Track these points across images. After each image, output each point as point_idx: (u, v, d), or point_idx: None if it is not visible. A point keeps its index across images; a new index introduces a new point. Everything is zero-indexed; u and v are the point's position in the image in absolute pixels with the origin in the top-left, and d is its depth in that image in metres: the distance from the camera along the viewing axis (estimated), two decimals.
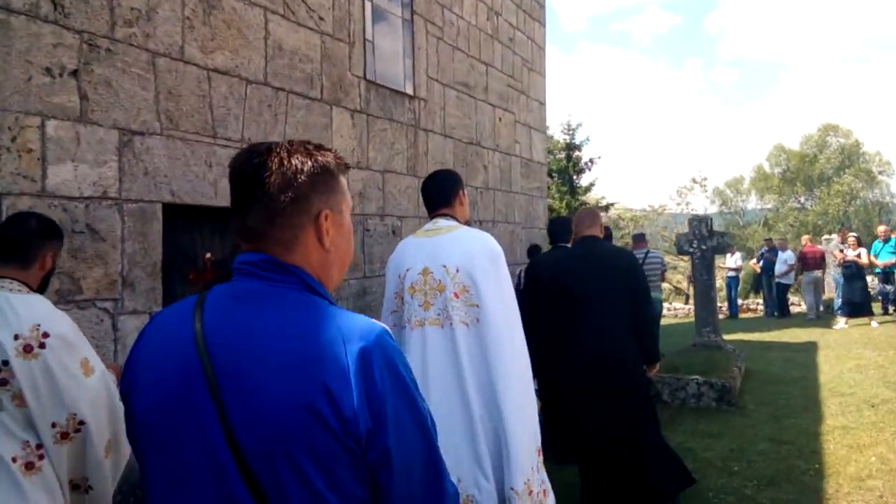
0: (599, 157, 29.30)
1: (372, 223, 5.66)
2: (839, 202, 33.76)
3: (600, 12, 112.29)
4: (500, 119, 8.02)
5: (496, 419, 2.76)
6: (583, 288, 4.08)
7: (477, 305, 2.81)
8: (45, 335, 2.11)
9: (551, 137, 25.61)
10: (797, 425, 5.82)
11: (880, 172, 36.15)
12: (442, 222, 3.02)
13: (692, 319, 8.75)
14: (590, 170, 25.09)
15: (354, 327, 1.10)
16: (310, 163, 1.17)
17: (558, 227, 5.49)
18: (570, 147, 24.98)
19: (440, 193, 3.09)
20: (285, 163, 1.15)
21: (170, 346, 1.13)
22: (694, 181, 34.12)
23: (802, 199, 37.97)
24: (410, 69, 6.23)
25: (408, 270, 2.93)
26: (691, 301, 14.53)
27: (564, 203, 23.57)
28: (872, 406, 6.37)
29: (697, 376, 6.52)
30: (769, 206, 39.00)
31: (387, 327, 1.15)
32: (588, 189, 25.11)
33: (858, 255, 12.72)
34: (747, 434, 5.60)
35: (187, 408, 1.08)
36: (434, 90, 6.61)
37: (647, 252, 8.88)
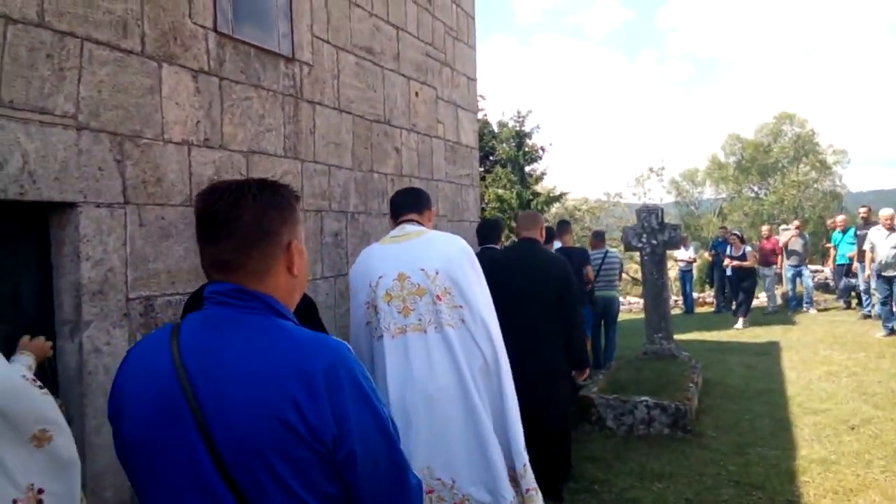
0: (551, 145, 28.33)
1: None
2: (794, 192, 33.40)
3: (555, 4, 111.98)
4: (416, 94, 6.81)
5: (498, 409, 2.84)
6: (513, 290, 3.99)
7: (461, 306, 2.78)
8: None
9: (506, 125, 24.51)
10: (766, 458, 4.76)
11: (835, 163, 35.94)
12: (409, 227, 2.97)
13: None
14: (541, 158, 24.05)
15: (318, 345, 1.22)
16: (277, 198, 1.29)
17: (487, 228, 5.46)
18: (521, 135, 23.88)
19: (412, 200, 3.10)
20: (258, 199, 1.26)
21: (151, 372, 1.23)
22: (651, 170, 33.41)
23: (757, 189, 37.64)
24: (287, 25, 4.97)
25: (380, 278, 2.85)
26: None
27: (514, 193, 22.50)
28: (852, 428, 5.36)
29: (647, 397, 5.43)
30: (724, 195, 38.61)
31: (347, 343, 1.28)
32: (540, 178, 24.07)
33: (743, 257, 11.91)
34: (708, 474, 4.52)
35: (172, 427, 1.17)
36: (323, 53, 5.36)
37: (606, 252, 8.70)
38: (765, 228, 13.85)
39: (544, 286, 3.96)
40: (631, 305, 16.85)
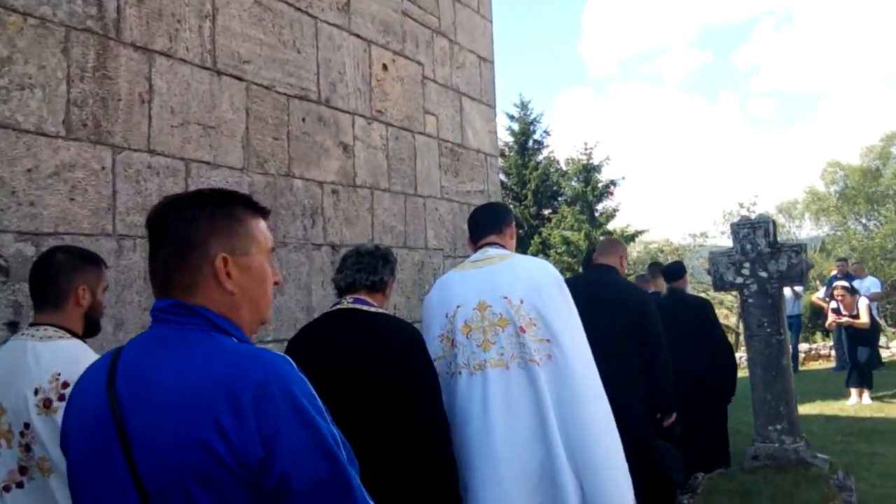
0: (623, 178, 25.65)
1: None
2: None
3: (628, 55, 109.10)
4: (384, 66, 4.58)
5: (582, 472, 2.46)
6: (584, 324, 3.08)
7: (548, 340, 2.54)
8: (66, 385, 1.82)
9: (573, 160, 22.18)
10: None
11: None
12: (492, 251, 2.73)
13: (746, 373, 5.00)
14: (612, 194, 21.51)
15: (251, 360, 1.13)
16: (209, 209, 1.23)
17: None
18: (589, 169, 21.46)
19: (490, 219, 2.87)
20: (184, 211, 1.21)
21: (90, 394, 1.20)
22: (741, 205, 30.05)
23: (865, 220, 33.35)
24: None
25: (458, 307, 2.61)
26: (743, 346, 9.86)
27: (583, 233, 19.95)
28: None
29: None
30: (825, 229, 34.49)
31: (288, 358, 1.17)
32: (611, 216, 21.46)
33: (857, 316, 8.39)
34: None
35: (104, 452, 1.14)
36: None
37: None
38: None
39: (622, 319, 3.54)
40: None
